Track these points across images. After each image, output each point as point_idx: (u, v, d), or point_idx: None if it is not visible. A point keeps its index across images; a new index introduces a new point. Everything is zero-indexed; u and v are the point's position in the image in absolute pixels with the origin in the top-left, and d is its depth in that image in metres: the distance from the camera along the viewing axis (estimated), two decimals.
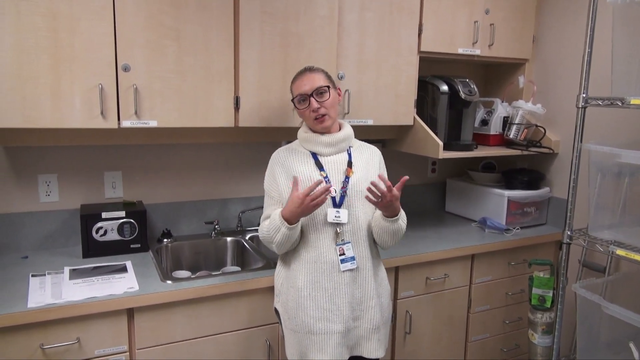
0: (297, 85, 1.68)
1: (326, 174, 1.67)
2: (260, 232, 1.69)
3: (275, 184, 1.70)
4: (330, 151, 1.70)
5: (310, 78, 1.66)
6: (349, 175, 1.68)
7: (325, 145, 1.69)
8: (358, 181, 1.68)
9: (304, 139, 1.72)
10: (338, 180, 1.67)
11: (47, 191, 2.09)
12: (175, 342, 1.77)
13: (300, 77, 1.69)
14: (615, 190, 1.91)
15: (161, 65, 1.85)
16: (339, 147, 1.71)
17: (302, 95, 1.66)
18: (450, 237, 2.41)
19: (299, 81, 1.68)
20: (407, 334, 2.23)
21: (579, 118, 1.95)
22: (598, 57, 2.25)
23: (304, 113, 1.68)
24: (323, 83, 1.66)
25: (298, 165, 1.69)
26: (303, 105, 1.67)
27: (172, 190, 2.32)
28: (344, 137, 1.72)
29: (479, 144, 2.64)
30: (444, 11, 2.37)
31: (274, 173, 1.72)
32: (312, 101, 1.64)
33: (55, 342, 1.59)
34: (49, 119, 1.72)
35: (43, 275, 1.81)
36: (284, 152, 1.74)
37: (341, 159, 1.71)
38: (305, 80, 1.67)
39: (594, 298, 1.91)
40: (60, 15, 1.68)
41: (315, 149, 1.70)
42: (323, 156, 1.70)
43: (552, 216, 2.68)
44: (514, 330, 2.57)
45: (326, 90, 1.66)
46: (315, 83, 1.65)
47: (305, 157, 1.71)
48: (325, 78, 1.69)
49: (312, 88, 1.64)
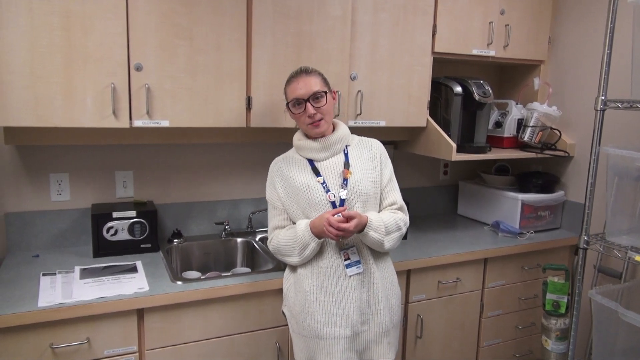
0: (292, 88, 1.62)
1: (323, 180, 1.64)
2: (276, 246, 1.68)
3: (277, 194, 1.69)
4: (325, 155, 1.66)
5: (307, 82, 1.60)
6: (346, 177, 1.64)
7: (319, 151, 1.66)
8: (358, 182, 1.64)
9: (298, 146, 1.69)
10: (336, 184, 1.64)
11: (59, 190, 2.09)
12: (185, 343, 1.76)
13: (295, 79, 1.63)
14: (633, 194, 1.87)
15: (173, 64, 1.84)
16: (334, 149, 1.67)
17: (298, 99, 1.61)
18: (462, 241, 2.38)
19: (294, 84, 1.62)
20: (418, 338, 2.21)
21: (597, 121, 1.91)
22: (616, 58, 2.20)
23: (299, 118, 1.64)
24: (320, 88, 1.61)
25: (295, 174, 1.66)
26: (298, 110, 1.62)
27: (182, 190, 2.31)
28: (338, 139, 1.67)
29: (493, 146, 2.60)
30: (458, 12, 2.34)
31: (274, 184, 1.71)
32: (309, 107, 1.59)
33: (65, 341, 1.59)
34: (61, 119, 1.72)
35: (54, 274, 1.81)
36: (281, 162, 1.72)
37: (337, 162, 1.67)
38: (301, 84, 1.60)
39: (610, 305, 1.86)
40: (73, 15, 1.68)
41: (309, 155, 1.67)
42: (318, 161, 1.67)
43: (566, 220, 2.63)
44: (526, 336, 2.53)
45: (323, 95, 1.61)
46: (311, 87, 1.60)
47: (302, 164, 1.68)
48: (321, 82, 1.63)
49: (309, 93, 1.59)
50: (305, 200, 1.63)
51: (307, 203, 1.62)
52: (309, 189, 1.62)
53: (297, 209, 1.66)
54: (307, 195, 1.62)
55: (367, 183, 1.65)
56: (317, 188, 1.62)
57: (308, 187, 1.63)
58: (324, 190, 1.62)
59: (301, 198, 1.63)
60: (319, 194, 1.62)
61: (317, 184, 1.63)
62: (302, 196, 1.63)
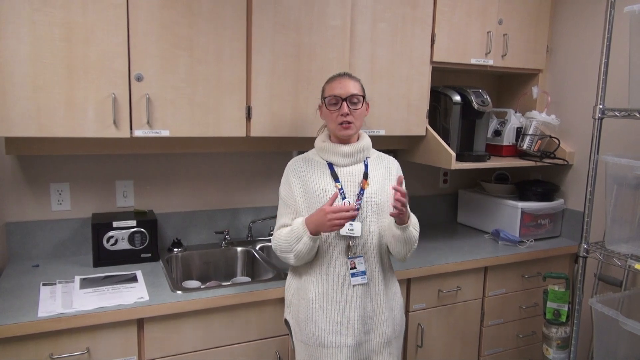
0: (332, 86, 1.66)
1: (341, 185, 1.65)
2: (276, 242, 1.66)
3: (291, 192, 1.68)
4: (347, 162, 1.68)
5: (347, 83, 1.64)
6: (364, 188, 1.65)
7: (342, 156, 1.67)
8: (373, 194, 1.65)
9: (321, 148, 1.70)
10: (353, 192, 1.65)
11: (59, 200, 2.10)
12: (185, 353, 1.76)
13: (338, 79, 1.67)
14: (632, 202, 1.87)
15: (174, 74, 1.85)
16: (356, 157, 1.68)
17: (336, 97, 1.63)
18: (462, 249, 2.38)
19: (336, 82, 1.66)
20: (419, 348, 2.20)
21: (595, 129, 1.92)
22: (614, 67, 2.22)
23: (331, 115, 1.65)
24: (358, 92, 1.65)
25: (313, 175, 1.67)
26: (333, 107, 1.64)
27: (183, 199, 2.32)
28: (362, 148, 1.69)
29: (492, 154, 2.61)
30: (457, 21, 2.35)
31: (289, 182, 1.69)
32: (344, 105, 1.62)
33: (65, 352, 1.59)
34: (62, 129, 1.73)
35: (54, 284, 1.81)
36: (300, 161, 1.72)
37: (357, 170, 1.68)
38: (342, 83, 1.64)
39: (611, 313, 1.86)
40: (75, 26, 1.70)
41: (331, 158, 1.68)
42: (339, 167, 1.68)
43: (566, 228, 2.63)
44: (528, 345, 2.53)
45: (360, 100, 1.65)
46: (351, 89, 1.63)
47: (322, 167, 1.69)
48: (360, 88, 1.67)
49: (348, 93, 1.62)
50: (319, 204, 1.61)
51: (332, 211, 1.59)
52: (325, 193, 1.62)
53: (308, 211, 1.64)
54: (322, 199, 1.62)
55: (382, 196, 1.66)
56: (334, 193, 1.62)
57: (325, 191, 1.63)
58: (341, 197, 1.63)
59: (315, 201, 1.62)
60: None
61: (334, 190, 1.63)
62: (317, 199, 1.62)
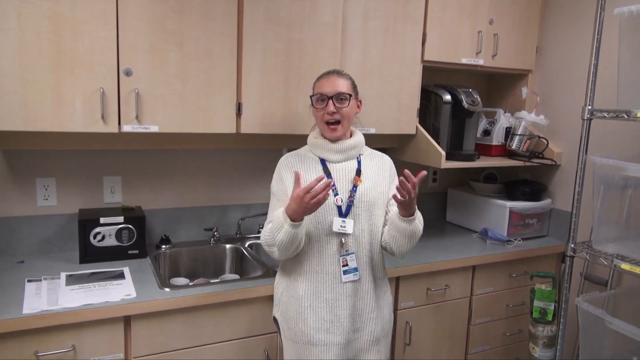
0: (320, 84, 1.66)
1: (333, 182, 1.64)
2: (262, 235, 1.62)
3: (283, 187, 1.67)
4: (339, 158, 1.68)
5: (335, 81, 1.63)
6: (356, 184, 1.65)
7: (335, 152, 1.67)
8: (365, 191, 1.65)
9: (314, 144, 1.70)
10: (345, 189, 1.65)
11: (45, 195, 2.07)
12: (173, 351, 1.75)
13: (326, 76, 1.66)
14: (619, 203, 1.89)
15: (163, 70, 1.84)
16: (349, 154, 1.68)
17: (322, 95, 1.63)
18: (451, 248, 2.39)
19: (324, 80, 1.65)
20: (407, 345, 2.21)
21: (584, 130, 1.94)
22: (603, 68, 2.24)
23: (317, 113, 1.65)
24: (346, 90, 1.64)
25: (306, 171, 1.66)
26: (320, 105, 1.64)
27: (171, 196, 2.30)
28: (354, 145, 1.69)
29: (481, 154, 2.62)
30: (448, 21, 2.36)
31: (282, 177, 1.68)
32: (330, 104, 1.61)
33: (51, 349, 1.56)
34: (49, 123, 1.70)
35: (39, 280, 1.79)
36: (292, 157, 1.72)
37: (350, 167, 1.68)
38: (330, 81, 1.64)
39: (597, 312, 1.88)
40: (63, 19, 1.67)
41: (324, 155, 1.68)
42: (332, 163, 1.68)
43: (553, 228, 2.66)
44: (514, 343, 2.55)
45: (347, 98, 1.63)
46: (338, 87, 1.63)
47: (314, 163, 1.68)
48: (349, 86, 1.66)
49: (334, 91, 1.62)
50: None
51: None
52: None
53: None
54: None
55: (374, 194, 1.66)
56: None
57: None
58: (333, 193, 1.62)
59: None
60: None
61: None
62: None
